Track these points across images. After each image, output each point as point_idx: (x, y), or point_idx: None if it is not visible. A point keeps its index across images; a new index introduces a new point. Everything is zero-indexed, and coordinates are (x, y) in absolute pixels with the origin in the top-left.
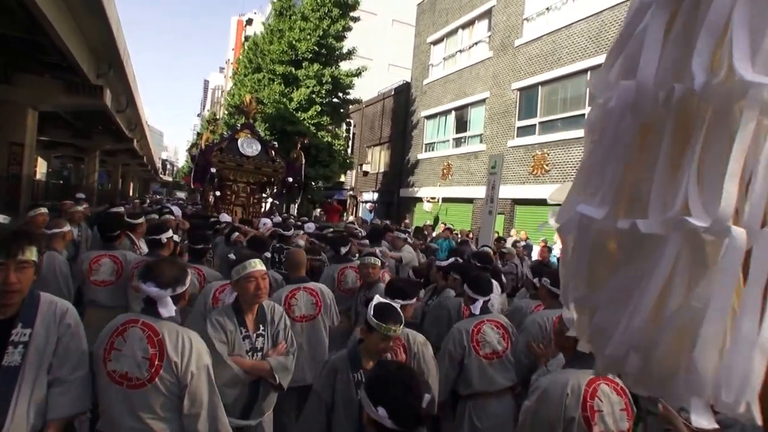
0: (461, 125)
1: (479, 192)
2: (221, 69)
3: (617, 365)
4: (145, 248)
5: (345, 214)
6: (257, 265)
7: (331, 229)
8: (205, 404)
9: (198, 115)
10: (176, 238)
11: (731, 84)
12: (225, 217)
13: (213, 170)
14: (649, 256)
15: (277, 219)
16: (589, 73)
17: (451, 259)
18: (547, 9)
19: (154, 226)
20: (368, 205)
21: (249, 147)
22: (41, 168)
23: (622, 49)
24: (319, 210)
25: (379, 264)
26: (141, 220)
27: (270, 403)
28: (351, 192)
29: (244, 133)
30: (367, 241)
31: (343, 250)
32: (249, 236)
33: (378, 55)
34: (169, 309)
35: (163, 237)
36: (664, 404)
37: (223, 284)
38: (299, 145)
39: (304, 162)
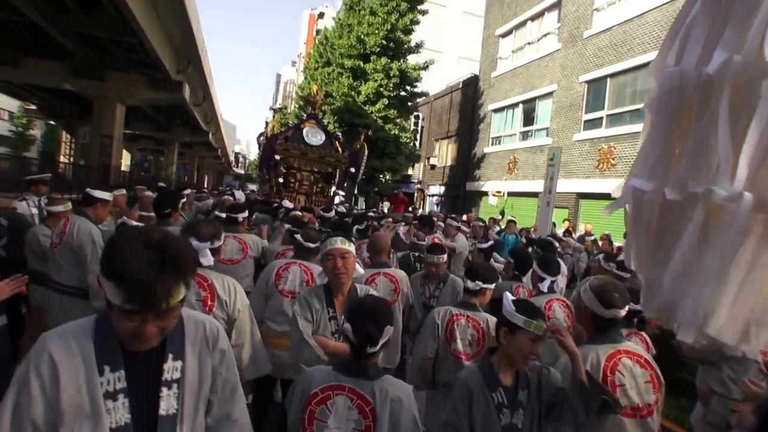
0: (528, 119)
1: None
2: (293, 63)
3: (665, 312)
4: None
5: (412, 206)
6: (337, 243)
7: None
8: (248, 335)
9: (270, 109)
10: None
11: (759, 64)
12: (287, 203)
13: (277, 157)
14: (683, 220)
15: (341, 209)
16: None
17: (491, 242)
18: None
19: (233, 206)
20: (435, 199)
21: (314, 137)
22: (125, 160)
23: (675, 36)
24: (387, 203)
25: (444, 259)
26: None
27: None
28: (418, 185)
29: (309, 123)
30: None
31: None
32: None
33: (447, 47)
34: (208, 259)
35: (240, 216)
36: (750, 380)
37: (286, 263)
38: (363, 137)
39: (368, 153)
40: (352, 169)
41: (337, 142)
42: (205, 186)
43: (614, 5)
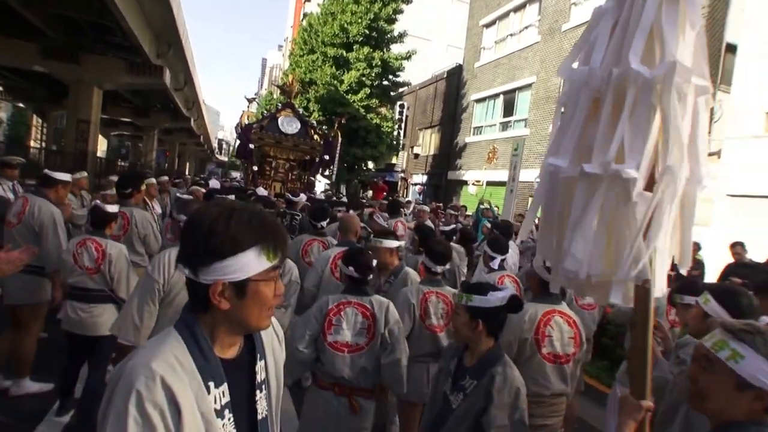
0: (508, 109)
1: (522, 176)
2: (280, 47)
3: (571, 277)
4: (158, 209)
5: (395, 195)
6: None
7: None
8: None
9: (255, 94)
10: None
11: (654, 71)
12: (261, 191)
13: (251, 146)
14: (590, 193)
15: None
16: None
17: (453, 226)
18: None
19: (209, 192)
20: (417, 187)
21: (289, 125)
22: (101, 145)
23: (583, 45)
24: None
25: (390, 245)
26: (78, 175)
27: None
28: (402, 174)
29: (285, 112)
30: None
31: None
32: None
33: (436, 35)
34: None
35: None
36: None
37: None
38: (337, 125)
39: (350, 143)
40: (327, 156)
41: (312, 131)
42: (187, 173)
43: (590, 0)
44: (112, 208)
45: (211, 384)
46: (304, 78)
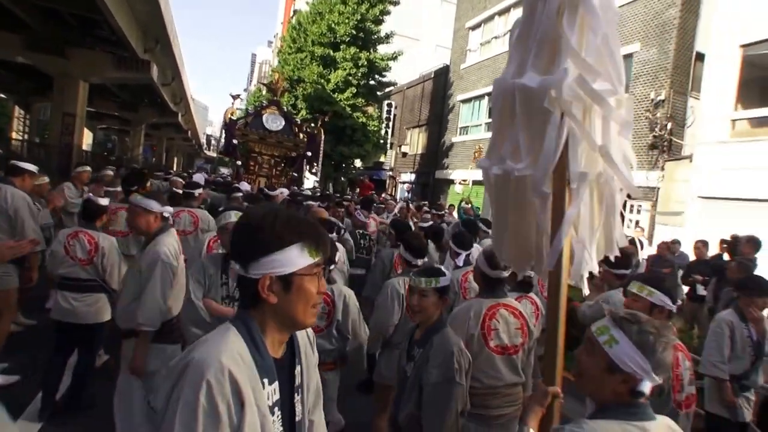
0: None
1: None
2: (269, 43)
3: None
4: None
5: (384, 192)
6: (231, 217)
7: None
8: None
9: (245, 90)
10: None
11: (549, 78)
12: (244, 186)
13: (235, 142)
14: (508, 190)
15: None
16: None
17: (430, 222)
18: None
19: (190, 183)
20: (405, 186)
21: (273, 123)
22: (87, 139)
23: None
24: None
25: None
26: (81, 169)
27: None
28: (390, 172)
29: (270, 109)
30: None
31: None
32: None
33: (425, 35)
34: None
35: (195, 192)
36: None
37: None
38: (320, 122)
39: (336, 141)
40: (309, 153)
41: (296, 128)
42: (174, 168)
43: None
44: (104, 201)
45: (266, 380)
46: (292, 76)
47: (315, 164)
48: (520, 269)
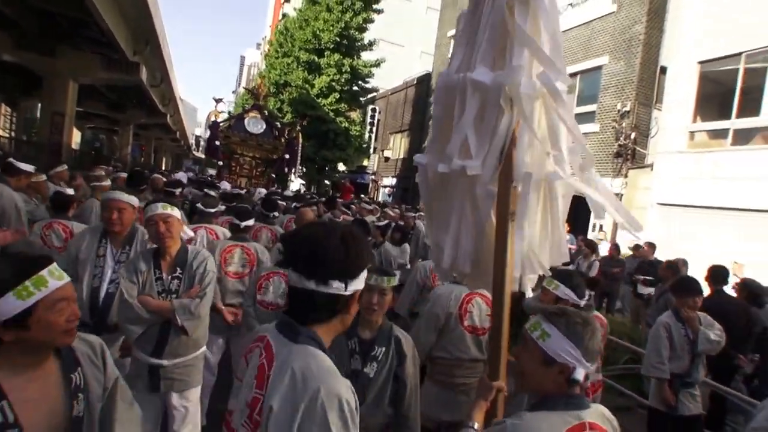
0: None
1: None
2: (258, 45)
3: (451, 270)
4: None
5: (367, 195)
6: (158, 209)
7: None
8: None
9: (233, 92)
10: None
11: (500, 75)
12: (224, 185)
13: (217, 143)
14: (451, 189)
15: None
16: (579, 76)
17: (386, 222)
18: None
19: (171, 182)
20: (387, 190)
21: (254, 126)
22: (75, 138)
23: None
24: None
25: None
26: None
27: (185, 346)
28: (372, 176)
29: (253, 113)
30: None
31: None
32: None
33: (410, 42)
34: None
35: (176, 191)
36: None
37: (194, 227)
38: (298, 126)
39: (320, 145)
40: (288, 156)
41: (276, 131)
42: (163, 169)
43: None
44: (71, 191)
45: None
46: (278, 80)
47: (294, 166)
48: (461, 267)
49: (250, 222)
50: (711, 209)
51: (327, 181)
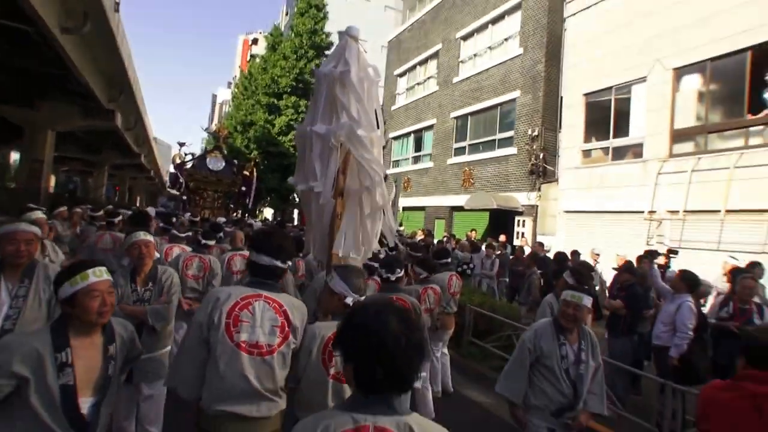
0: (418, 146)
1: (429, 201)
2: (229, 84)
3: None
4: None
5: None
6: (140, 236)
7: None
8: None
9: (205, 130)
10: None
11: (332, 127)
12: (187, 215)
13: (182, 180)
14: (308, 200)
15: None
16: (498, 107)
17: None
18: (475, 55)
19: (140, 214)
20: None
21: (215, 164)
22: (50, 181)
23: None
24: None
25: None
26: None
27: (155, 344)
28: None
29: (214, 153)
30: None
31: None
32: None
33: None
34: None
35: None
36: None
37: (168, 246)
38: (252, 164)
39: (281, 176)
40: (244, 188)
41: (235, 168)
42: (138, 205)
43: (472, 60)
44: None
45: None
46: (245, 119)
47: (249, 198)
48: (320, 256)
49: (211, 242)
50: (600, 213)
51: (290, 209)
